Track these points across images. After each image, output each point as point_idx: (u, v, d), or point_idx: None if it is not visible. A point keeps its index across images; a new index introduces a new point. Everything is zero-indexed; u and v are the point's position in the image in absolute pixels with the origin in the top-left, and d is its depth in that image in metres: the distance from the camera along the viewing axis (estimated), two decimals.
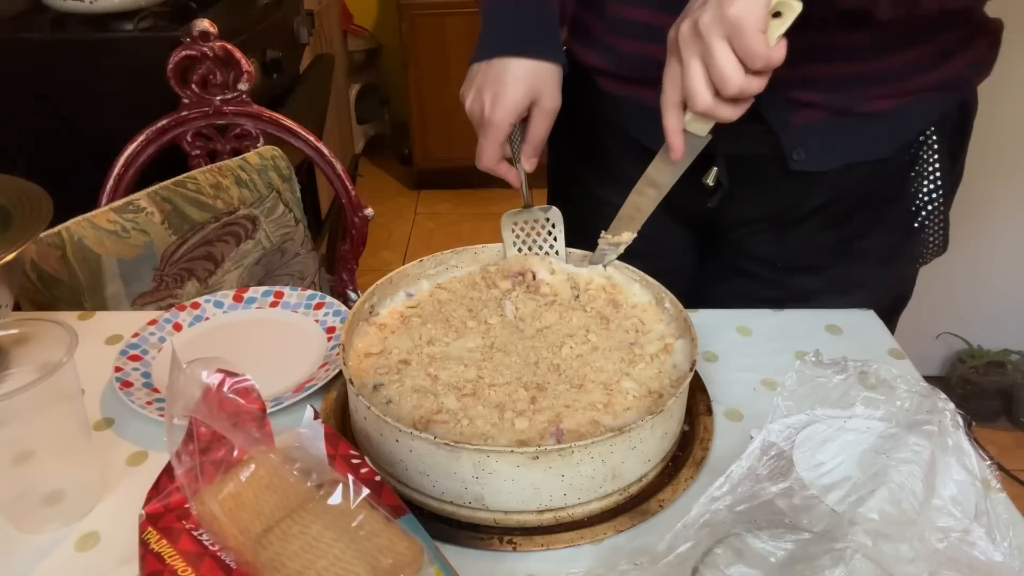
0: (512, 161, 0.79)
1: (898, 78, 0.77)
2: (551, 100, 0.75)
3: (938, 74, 0.78)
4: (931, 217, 0.85)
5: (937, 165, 0.82)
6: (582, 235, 0.80)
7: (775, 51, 0.58)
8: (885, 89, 0.77)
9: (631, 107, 0.86)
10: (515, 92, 0.73)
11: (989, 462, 0.56)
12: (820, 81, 0.75)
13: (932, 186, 0.83)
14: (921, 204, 0.85)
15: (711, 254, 0.97)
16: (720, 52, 0.58)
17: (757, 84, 0.60)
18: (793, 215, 0.87)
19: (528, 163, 0.78)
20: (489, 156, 0.77)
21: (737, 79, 0.58)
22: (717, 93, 0.60)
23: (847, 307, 0.87)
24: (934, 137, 0.82)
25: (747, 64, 0.58)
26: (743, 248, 0.92)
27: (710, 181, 0.84)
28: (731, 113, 0.62)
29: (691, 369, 0.65)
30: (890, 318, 0.93)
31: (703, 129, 0.65)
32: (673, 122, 0.64)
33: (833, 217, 0.86)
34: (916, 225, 0.86)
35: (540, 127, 0.76)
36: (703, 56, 0.59)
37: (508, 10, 0.77)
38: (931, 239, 0.87)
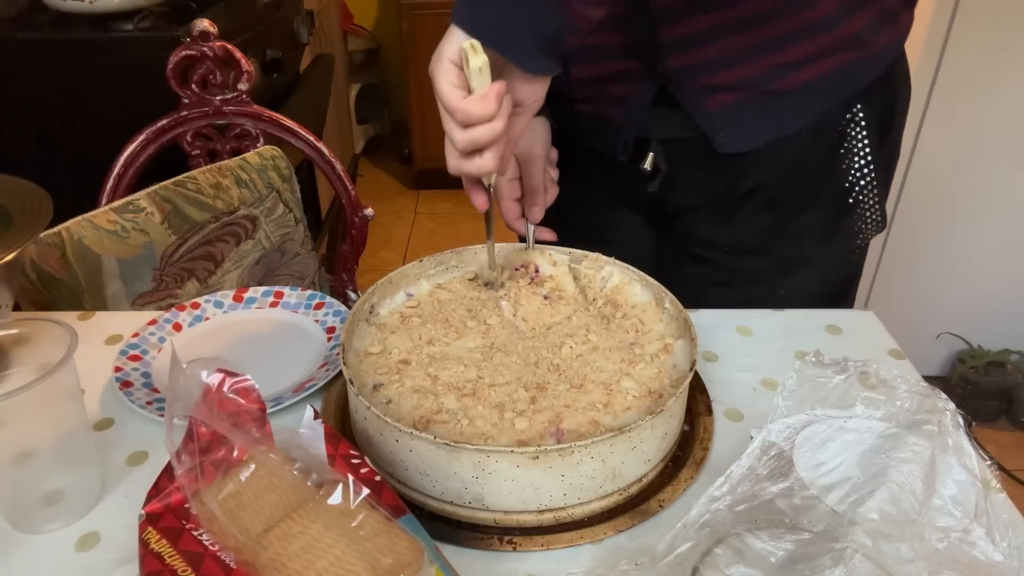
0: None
1: (801, 37, 0.77)
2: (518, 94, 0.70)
3: (841, 30, 0.78)
4: (864, 193, 0.88)
5: (866, 141, 0.85)
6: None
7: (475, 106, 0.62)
8: (791, 53, 0.78)
9: (576, 116, 0.89)
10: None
11: (989, 462, 0.56)
12: (728, 59, 0.76)
13: (863, 162, 0.86)
14: (853, 180, 0.87)
15: (666, 241, 1.00)
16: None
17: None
18: (731, 198, 0.90)
19: (531, 212, 0.85)
20: (504, 212, 0.86)
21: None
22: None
23: (794, 287, 0.91)
24: (860, 113, 0.84)
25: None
26: (693, 234, 0.95)
27: (647, 166, 0.88)
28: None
29: (691, 369, 0.65)
30: (842, 298, 0.96)
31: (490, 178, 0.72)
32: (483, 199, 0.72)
33: (769, 198, 0.88)
34: (851, 201, 0.88)
35: (514, 124, 0.70)
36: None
37: None
38: (868, 215, 0.90)
